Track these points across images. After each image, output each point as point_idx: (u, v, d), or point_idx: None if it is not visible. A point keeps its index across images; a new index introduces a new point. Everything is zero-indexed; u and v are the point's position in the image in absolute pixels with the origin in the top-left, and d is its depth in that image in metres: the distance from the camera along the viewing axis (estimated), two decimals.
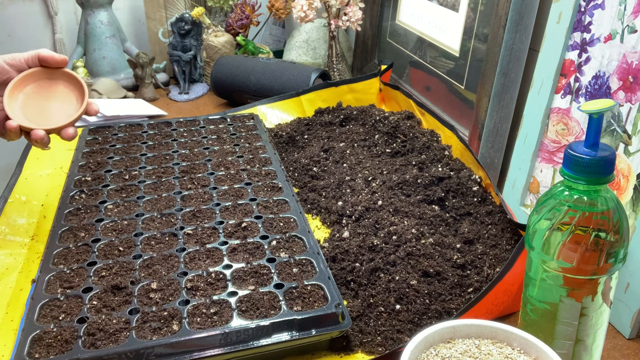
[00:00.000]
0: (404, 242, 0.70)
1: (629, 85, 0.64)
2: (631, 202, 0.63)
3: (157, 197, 0.79)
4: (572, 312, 0.49)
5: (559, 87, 0.74)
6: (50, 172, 0.92)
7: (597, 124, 0.46)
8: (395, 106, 1.08)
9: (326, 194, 0.85)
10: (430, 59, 1.09)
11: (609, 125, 0.66)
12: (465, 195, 0.79)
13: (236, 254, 0.67)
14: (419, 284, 0.65)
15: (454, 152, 0.87)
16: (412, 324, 0.62)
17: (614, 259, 0.47)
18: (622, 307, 0.63)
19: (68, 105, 0.72)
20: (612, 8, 0.66)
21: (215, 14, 1.44)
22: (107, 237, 0.70)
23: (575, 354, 0.51)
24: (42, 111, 0.71)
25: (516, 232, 0.71)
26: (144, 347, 0.54)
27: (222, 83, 1.21)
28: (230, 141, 0.96)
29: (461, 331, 0.50)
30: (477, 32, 0.93)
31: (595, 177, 0.46)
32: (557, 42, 0.73)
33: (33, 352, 0.54)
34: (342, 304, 0.59)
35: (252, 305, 0.59)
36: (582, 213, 0.46)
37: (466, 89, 0.97)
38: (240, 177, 0.84)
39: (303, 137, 1.01)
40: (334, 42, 1.26)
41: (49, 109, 0.71)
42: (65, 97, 0.72)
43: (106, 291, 0.61)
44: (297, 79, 1.15)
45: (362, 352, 0.60)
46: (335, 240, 0.73)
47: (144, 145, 0.94)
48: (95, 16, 1.30)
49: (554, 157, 0.76)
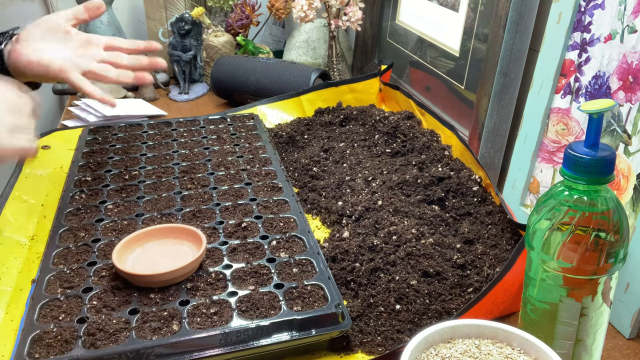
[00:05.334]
0: (404, 242, 0.70)
1: (629, 85, 0.64)
2: (631, 202, 0.63)
3: (157, 197, 0.79)
4: (572, 312, 0.49)
5: (559, 87, 0.74)
6: (50, 172, 0.92)
7: (597, 124, 0.46)
8: (395, 106, 1.08)
9: (326, 194, 0.85)
10: (430, 59, 1.09)
11: (609, 125, 0.66)
12: (465, 195, 0.79)
13: (236, 254, 0.67)
14: (419, 284, 0.65)
15: (454, 152, 0.87)
16: (412, 324, 0.62)
17: (614, 259, 0.47)
18: (622, 307, 0.63)
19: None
20: (612, 8, 0.66)
21: (215, 14, 1.44)
22: (107, 237, 0.70)
23: (575, 354, 0.51)
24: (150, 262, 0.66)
25: (516, 232, 0.71)
26: (144, 347, 0.54)
27: (222, 83, 1.21)
28: (230, 141, 0.96)
29: (461, 331, 0.50)
30: (477, 32, 0.93)
31: (595, 177, 0.46)
32: (557, 42, 0.73)
33: (33, 352, 0.54)
34: (342, 304, 0.59)
35: (252, 305, 0.59)
36: (582, 213, 0.46)
37: (466, 89, 0.97)
38: (240, 177, 0.84)
39: (303, 137, 1.01)
40: (334, 42, 1.26)
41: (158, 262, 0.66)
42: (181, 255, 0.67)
43: (106, 291, 0.61)
44: (297, 79, 1.15)
45: (362, 352, 0.60)
46: (335, 240, 0.73)
47: (144, 145, 0.94)
48: None
49: (554, 157, 0.76)
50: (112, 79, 0.78)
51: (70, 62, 0.76)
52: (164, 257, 0.66)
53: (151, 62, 0.82)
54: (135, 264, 0.65)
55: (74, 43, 0.79)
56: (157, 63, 0.82)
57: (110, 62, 0.79)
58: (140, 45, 0.84)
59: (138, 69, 0.81)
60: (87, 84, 0.75)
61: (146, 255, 0.67)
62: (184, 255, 0.66)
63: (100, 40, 0.81)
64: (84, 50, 0.79)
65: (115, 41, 0.82)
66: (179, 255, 0.66)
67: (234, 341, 0.55)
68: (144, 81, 0.80)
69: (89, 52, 0.79)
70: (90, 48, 0.79)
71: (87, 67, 0.77)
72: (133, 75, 0.79)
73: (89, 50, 0.79)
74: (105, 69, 0.78)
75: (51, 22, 0.79)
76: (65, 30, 0.79)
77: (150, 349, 0.54)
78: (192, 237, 0.68)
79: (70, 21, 0.80)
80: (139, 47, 0.84)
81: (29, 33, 0.78)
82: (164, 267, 0.61)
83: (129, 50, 0.83)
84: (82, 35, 0.80)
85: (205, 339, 0.55)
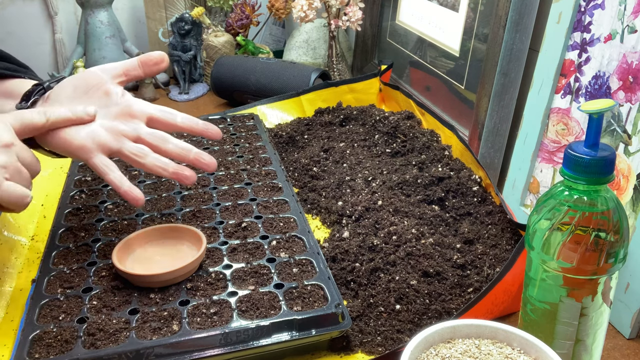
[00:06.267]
0: (404, 242, 0.70)
1: (629, 85, 0.64)
2: (631, 202, 0.63)
3: (157, 197, 0.79)
4: (572, 312, 0.49)
5: (559, 87, 0.74)
6: (50, 172, 0.92)
7: (597, 124, 0.46)
8: (395, 106, 1.08)
9: (326, 194, 0.85)
10: (430, 59, 1.09)
11: (609, 125, 0.66)
12: (465, 195, 0.79)
13: (236, 254, 0.67)
14: (419, 284, 0.65)
15: (454, 152, 0.87)
16: (412, 324, 0.62)
17: (614, 259, 0.47)
18: (622, 307, 0.63)
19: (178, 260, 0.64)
20: (612, 8, 0.66)
21: (215, 14, 1.44)
22: (107, 237, 0.70)
23: (575, 354, 0.51)
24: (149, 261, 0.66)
25: (516, 232, 0.71)
26: (144, 347, 0.54)
27: (222, 83, 1.21)
28: (230, 141, 0.96)
29: (461, 331, 0.50)
30: (477, 32, 0.93)
31: (595, 177, 0.46)
32: (557, 42, 0.73)
33: (33, 352, 0.54)
34: (342, 304, 0.59)
35: (252, 305, 0.59)
36: (582, 213, 0.46)
37: (466, 89, 0.97)
38: (240, 177, 0.84)
39: (303, 137, 1.01)
40: (334, 42, 1.26)
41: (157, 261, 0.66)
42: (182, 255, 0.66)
43: (106, 291, 0.61)
44: (297, 79, 1.15)
45: (362, 352, 0.60)
46: (335, 240, 0.73)
47: None
48: (95, 16, 1.30)
49: (554, 157, 0.76)
50: (145, 166, 0.62)
51: (95, 140, 0.61)
52: (164, 257, 0.66)
53: (198, 159, 0.64)
54: (135, 264, 0.65)
55: (112, 110, 0.63)
56: (206, 165, 0.65)
57: (149, 144, 0.63)
58: (198, 126, 0.66)
59: (182, 160, 0.64)
60: (111, 171, 0.61)
61: (146, 255, 0.66)
62: (184, 255, 0.66)
63: (145, 108, 0.64)
64: (121, 122, 0.63)
65: (165, 114, 0.65)
66: (179, 255, 0.66)
67: (234, 341, 0.55)
68: (182, 182, 0.64)
69: (126, 127, 0.63)
70: (131, 120, 0.63)
71: (117, 148, 0.61)
72: (172, 170, 0.63)
73: (128, 123, 0.63)
74: (140, 152, 0.62)
75: (92, 77, 0.65)
76: (105, 90, 0.64)
77: (150, 349, 0.54)
78: (192, 237, 0.68)
79: (117, 78, 0.65)
80: (195, 128, 0.66)
81: (61, 89, 0.64)
82: (164, 267, 0.61)
83: (181, 128, 0.66)
84: (126, 100, 0.64)
85: (205, 339, 0.55)
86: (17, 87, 0.68)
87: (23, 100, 0.65)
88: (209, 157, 0.65)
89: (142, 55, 0.68)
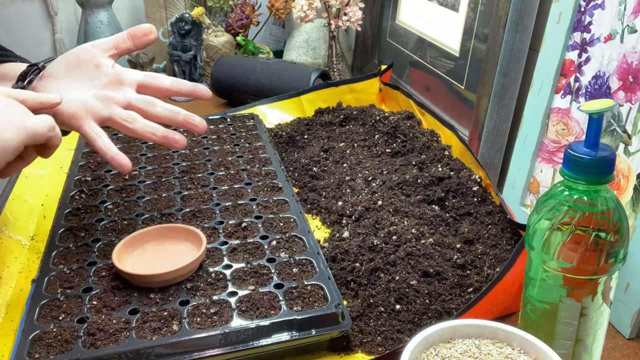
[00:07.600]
0: (404, 242, 0.70)
1: (629, 85, 0.64)
2: (631, 202, 0.63)
3: (157, 197, 0.79)
4: (572, 312, 0.49)
5: (559, 87, 0.74)
6: (50, 172, 0.92)
7: (597, 124, 0.46)
8: (395, 106, 1.08)
9: (326, 194, 0.85)
10: (430, 59, 1.09)
11: (609, 125, 0.66)
12: (465, 195, 0.79)
13: (236, 254, 0.67)
14: (419, 284, 0.65)
15: (454, 152, 0.87)
16: (412, 324, 0.62)
17: (614, 259, 0.47)
18: (622, 307, 0.63)
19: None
20: (612, 8, 0.66)
21: (215, 14, 1.44)
22: (107, 237, 0.70)
23: (575, 354, 0.51)
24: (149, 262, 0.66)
25: (516, 232, 0.71)
26: (144, 347, 0.54)
27: (222, 83, 1.21)
28: (230, 141, 0.96)
29: (461, 331, 0.50)
30: (477, 32, 0.93)
31: (595, 177, 0.46)
32: (557, 42, 0.73)
33: (33, 352, 0.54)
34: (342, 304, 0.59)
35: (252, 305, 0.59)
36: (582, 213, 0.46)
37: (466, 89, 0.97)
38: (240, 177, 0.84)
39: (303, 137, 1.01)
40: (334, 42, 1.26)
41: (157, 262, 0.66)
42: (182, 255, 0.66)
43: (106, 291, 0.61)
44: (297, 79, 1.15)
45: (362, 352, 0.60)
46: (335, 240, 0.73)
47: (144, 145, 0.94)
48: (95, 16, 1.30)
49: (554, 157, 0.76)
50: (135, 132, 0.64)
51: (86, 108, 0.63)
52: (164, 257, 0.66)
53: (187, 120, 0.66)
54: (135, 264, 0.65)
55: (102, 80, 0.65)
56: (195, 126, 0.66)
57: (138, 109, 0.64)
58: (186, 87, 0.68)
59: (171, 123, 0.66)
60: (100, 137, 0.62)
61: (146, 255, 0.66)
62: (184, 255, 0.66)
63: (134, 76, 0.67)
64: (111, 90, 0.65)
65: (153, 79, 0.68)
66: (179, 255, 0.66)
67: (234, 341, 0.55)
68: (172, 145, 0.65)
69: (116, 94, 0.64)
70: (120, 88, 0.65)
71: (107, 114, 0.63)
72: (161, 134, 0.64)
73: (118, 90, 0.65)
74: (129, 118, 0.63)
75: (83, 53, 0.67)
76: (96, 64, 0.66)
77: (150, 349, 0.54)
78: (192, 237, 0.68)
79: (107, 52, 0.67)
80: (183, 89, 0.68)
81: (54, 67, 0.66)
82: (164, 267, 0.61)
83: (170, 90, 0.68)
84: (115, 70, 0.66)
85: (205, 339, 0.55)
86: (12, 70, 0.69)
87: (19, 80, 0.66)
88: (199, 119, 0.66)
89: (131, 28, 0.69)
